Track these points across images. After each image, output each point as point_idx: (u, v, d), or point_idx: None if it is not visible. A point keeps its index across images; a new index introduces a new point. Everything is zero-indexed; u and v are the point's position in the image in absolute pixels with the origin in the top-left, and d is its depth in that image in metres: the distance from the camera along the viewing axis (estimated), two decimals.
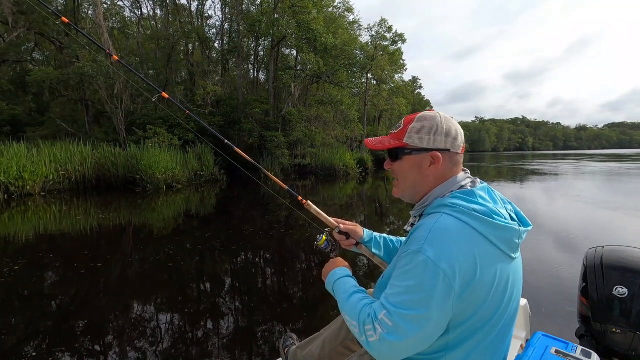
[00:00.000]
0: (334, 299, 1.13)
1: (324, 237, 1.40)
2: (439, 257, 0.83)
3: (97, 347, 2.81)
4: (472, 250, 0.85)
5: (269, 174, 1.77)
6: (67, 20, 1.98)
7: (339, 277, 1.15)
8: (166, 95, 2.02)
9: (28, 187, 10.55)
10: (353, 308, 0.98)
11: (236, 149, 1.87)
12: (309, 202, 1.47)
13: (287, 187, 1.64)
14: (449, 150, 1.00)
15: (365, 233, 1.41)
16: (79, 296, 3.86)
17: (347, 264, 1.25)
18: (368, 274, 4.36)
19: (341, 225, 1.40)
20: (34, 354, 2.69)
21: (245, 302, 3.70)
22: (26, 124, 17.39)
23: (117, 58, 2.04)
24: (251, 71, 25.98)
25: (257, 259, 5.23)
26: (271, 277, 4.53)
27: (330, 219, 1.43)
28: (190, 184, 14.21)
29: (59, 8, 18.06)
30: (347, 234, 1.39)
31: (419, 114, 1.04)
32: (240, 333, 3.03)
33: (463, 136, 1.05)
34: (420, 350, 0.88)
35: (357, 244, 1.40)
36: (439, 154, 0.99)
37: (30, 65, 19.30)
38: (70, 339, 2.90)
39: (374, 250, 1.41)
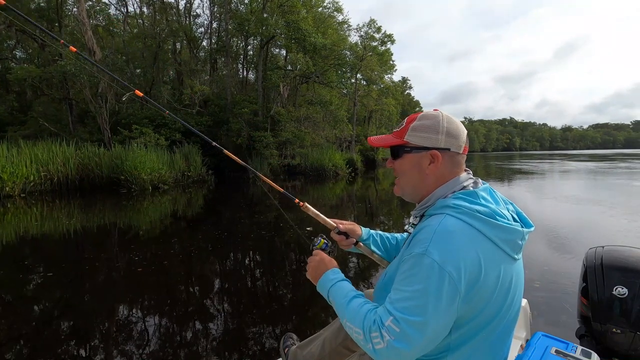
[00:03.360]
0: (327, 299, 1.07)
1: (322, 241, 1.36)
2: (444, 260, 0.82)
3: (83, 352, 2.71)
4: (476, 251, 0.85)
5: (262, 177, 1.75)
6: (140, 94, 1.86)
7: (334, 282, 1.09)
8: (140, 94, 1.85)
9: (7, 189, 10.21)
10: (355, 314, 0.95)
11: (226, 151, 1.78)
12: (306, 204, 1.47)
13: (282, 190, 1.62)
14: (449, 149, 1.00)
15: (364, 231, 1.41)
16: (63, 300, 3.73)
17: (335, 262, 1.19)
18: (365, 275, 4.29)
19: (340, 225, 1.39)
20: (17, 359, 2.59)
21: (240, 304, 3.62)
22: (7, 124, 16.91)
23: (74, 49, 1.79)
24: (240, 71, 25.81)
25: (247, 260, 5.13)
26: (263, 277, 4.44)
27: (328, 219, 1.43)
28: (177, 184, 13.98)
29: (41, 4, 17.67)
30: (346, 234, 1.38)
31: (422, 113, 1.04)
32: (237, 334, 2.96)
33: (466, 136, 1.03)
34: (425, 352, 0.87)
35: (356, 242, 1.39)
36: (439, 153, 0.99)
37: (12, 63, 18.80)
38: (55, 344, 2.80)
39: (372, 248, 1.40)
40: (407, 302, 0.84)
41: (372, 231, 1.44)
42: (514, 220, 0.96)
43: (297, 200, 1.49)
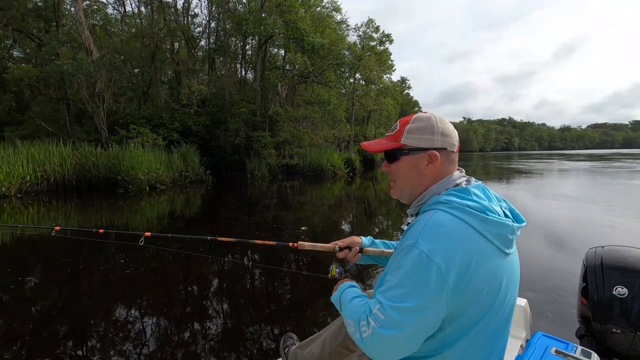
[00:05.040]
0: (328, 299, 1.14)
1: (334, 268, 1.46)
2: (432, 251, 0.85)
3: (80, 353, 2.68)
4: (466, 245, 0.87)
5: (248, 240, 1.83)
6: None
7: (344, 289, 1.19)
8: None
9: (3, 189, 10.15)
10: (352, 309, 1.02)
11: (220, 238, 1.86)
12: (300, 242, 1.56)
13: (275, 243, 1.72)
14: (445, 148, 1.03)
15: (364, 239, 1.47)
16: (59, 301, 3.70)
17: (353, 281, 1.27)
18: (364, 278, 4.25)
19: (338, 243, 1.45)
20: None
21: (239, 304, 3.59)
22: (5, 124, 16.85)
23: None
24: (239, 70, 25.78)
25: (246, 260, 5.10)
26: (262, 277, 4.41)
27: (325, 245, 1.50)
28: (175, 184, 13.92)
29: (38, 4, 17.60)
30: (347, 247, 1.44)
31: (414, 116, 1.07)
32: (236, 334, 2.94)
33: (457, 135, 1.08)
34: (413, 349, 0.89)
35: (362, 250, 1.44)
36: (437, 153, 1.02)
37: (10, 63, 18.71)
38: (52, 345, 2.77)
39: (381, 248, 1.45)
40: (394, 291, 0.88)
41: (374, 239, 1.49)
42: (506, 216, 0.99)
43: (291, 244, 1.57)
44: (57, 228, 2.30)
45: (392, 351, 0.89)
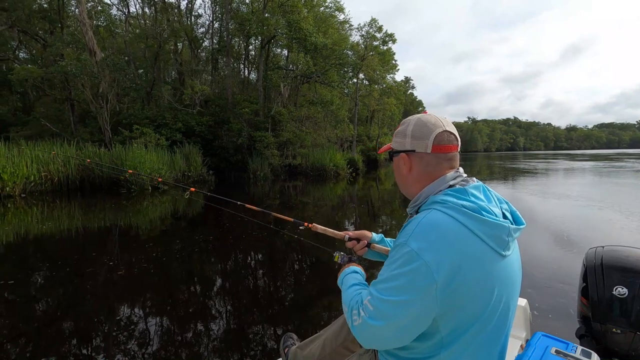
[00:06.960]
0: (329, 298, 1.19)
1: (337, 256, 1.49)
2: (422, 250, 0.86)
3: (85, 352, 2.70)
4: (458, 245, 0.87)
5: (271, 212, 2.01)
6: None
7: (346, 274, 1.25)
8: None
9: (7, 189, 10.21)
10: (347, 296, 1.09)
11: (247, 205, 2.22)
12: (314, 224, 1.64)
13: (292, 219, 1.79)
14: (414, 150, 1.05)
15: (374, 235, 1.49)
16: (63, 299, 3.72)
17: (359, 265, 1.33)
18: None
19: (349, 233, 1.49)
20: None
21: (240, 304, 3.60)
22: (10, 124, 16.99)
23: None
24: (242, 70, 25.83)
25: (248, 260, 5.11)
26: (263, 277, 4.41)
27: (337, 232, 1.56)
28: (177, 184, 13.95)
29: (44, 5, 17.73)
30: (356, 239, 1.47)
31: (405, 118, 1.12)
32: (237, 334, 2.95)
33: (434, 136, 1.02)
34: (402, 341, 0.92)
35: (369, 245, 1.46)
36: (405, 156, 1.07)
37: (15, 64, 18.87)
38: (56, 345, 2.78)
39: (389, 247, 1.46)
40: (384, 284, 0.91)
41: (385, 237, 1.51)
42: (505, 217, 0.98)
43: (305, 223, 1.66)
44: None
45: (379, 340, 0.93)
